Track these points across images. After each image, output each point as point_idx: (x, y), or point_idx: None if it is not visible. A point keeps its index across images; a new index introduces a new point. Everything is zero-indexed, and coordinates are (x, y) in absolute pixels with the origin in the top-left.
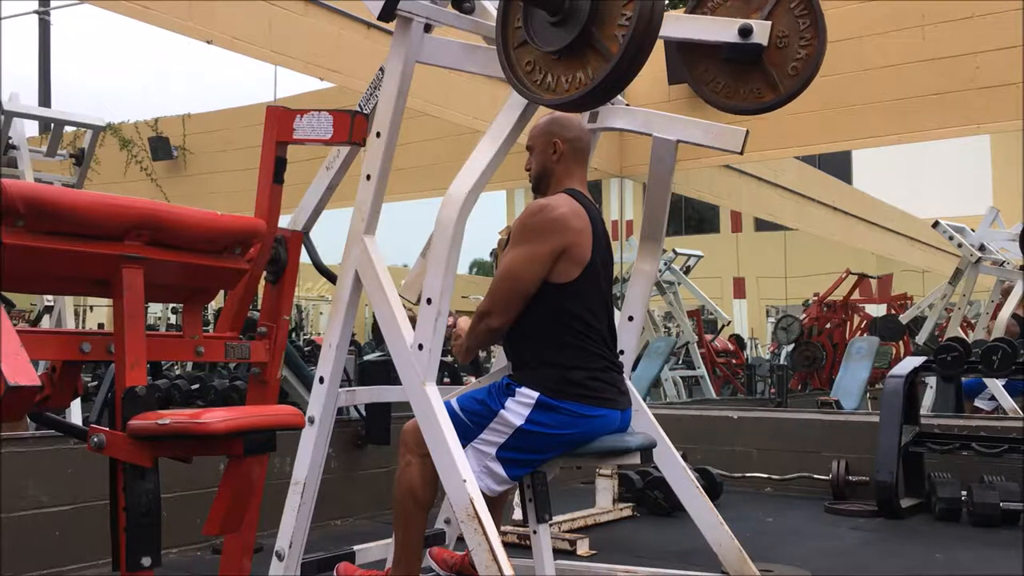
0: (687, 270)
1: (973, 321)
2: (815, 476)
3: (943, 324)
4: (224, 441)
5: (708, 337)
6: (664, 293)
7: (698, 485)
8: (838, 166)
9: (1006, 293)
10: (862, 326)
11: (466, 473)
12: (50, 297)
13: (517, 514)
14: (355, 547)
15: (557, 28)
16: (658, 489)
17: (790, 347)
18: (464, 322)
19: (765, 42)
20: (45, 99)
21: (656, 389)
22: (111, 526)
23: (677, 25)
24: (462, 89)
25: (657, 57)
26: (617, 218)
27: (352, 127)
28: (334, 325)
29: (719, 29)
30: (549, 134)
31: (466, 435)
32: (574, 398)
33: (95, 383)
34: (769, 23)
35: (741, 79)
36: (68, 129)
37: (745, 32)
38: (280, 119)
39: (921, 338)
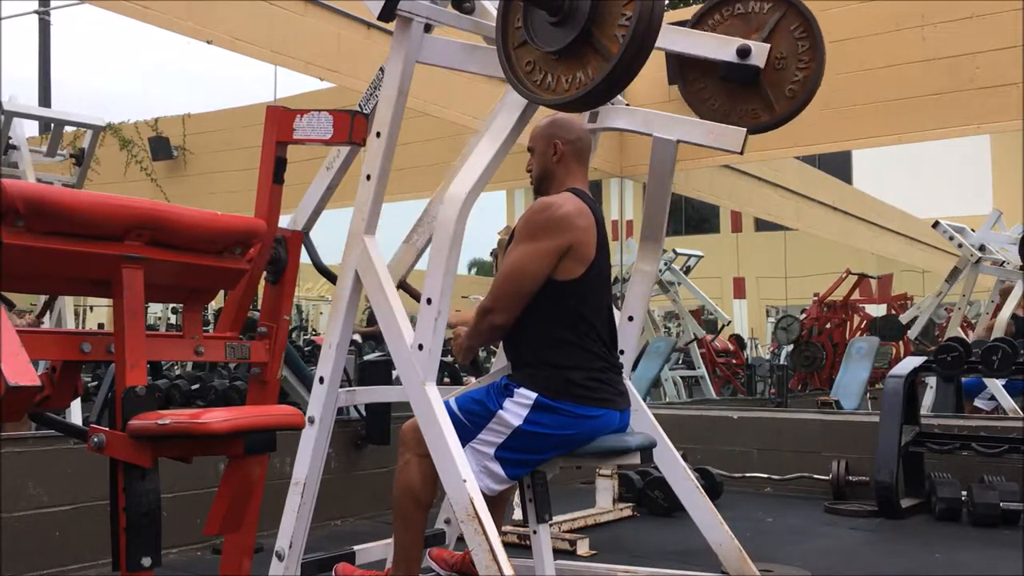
0: (687, 270)
1: (973, 321)
2: (815, 476)
3: (943, 324)
4: (224, 441)
5: (708, 337)
6: (667, 292)
7: (698, 485)
8: (838, 166)
9: (1004, 294)
10: (862, 326)
11: (466, 473)
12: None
13: (517, 514)
14: (355, 547)
15: (557, 28)
16: (658, 489)
17: (790, 347)
18: (459, 317)
19: (762, 65)
20: (45, 99)
21: (656, 389)
22: (111, 526)
23: (677, 38)
24: (462, 89)
25: (657, 57)
26: (617, 218)
27: (352, 127)
28: (334, 325)
29: (718, 47)
30: (550, 136)
31: (464, 435)
32: (573, 399)
33: (95, 383)
34: (767, 46)
35: (737, 99)
36: (68, 129)
37: (743, 53)
38: (280, 119)
39: (913, 332)
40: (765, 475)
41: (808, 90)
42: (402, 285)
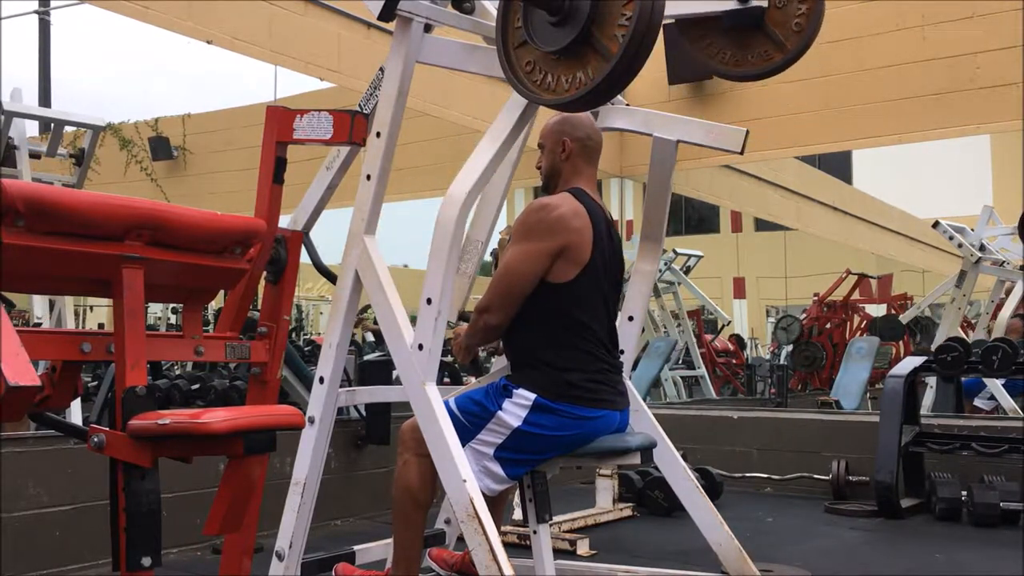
0: (687, 270)
1: (973, 321)
2: (815, 476)
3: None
4: (224, 441)
5: (708, 337)
6: (658, 296)
7: (698, 485)
8: (838, 166)
9: (1009, 292)
10: (862, 326)
11: (466, 473)
12: (40, 314)
13: (517, 514)
14: (355, 547)
15: (557, 28)
16: (658, 489)
17: (790, 347)
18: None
19: (765, 3)
20: (45, 99)
21: (656, 389)
22: (111, 526)
23: (675, 3)
24: (462, 89)
25: (657, 57)
26: (617, 218)
27: (352, 127)
28: (334, 325)
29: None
30: (559, 133)
31: (463, 436)
32: (571, 400)
33: (95, 383)
34: None
35: (746, 46)
36: (68, 129)
37: None
38: (280, 119)
39: (936, 345)
40: (765, 475)
41: (815, 21)
42: (461, 316)
